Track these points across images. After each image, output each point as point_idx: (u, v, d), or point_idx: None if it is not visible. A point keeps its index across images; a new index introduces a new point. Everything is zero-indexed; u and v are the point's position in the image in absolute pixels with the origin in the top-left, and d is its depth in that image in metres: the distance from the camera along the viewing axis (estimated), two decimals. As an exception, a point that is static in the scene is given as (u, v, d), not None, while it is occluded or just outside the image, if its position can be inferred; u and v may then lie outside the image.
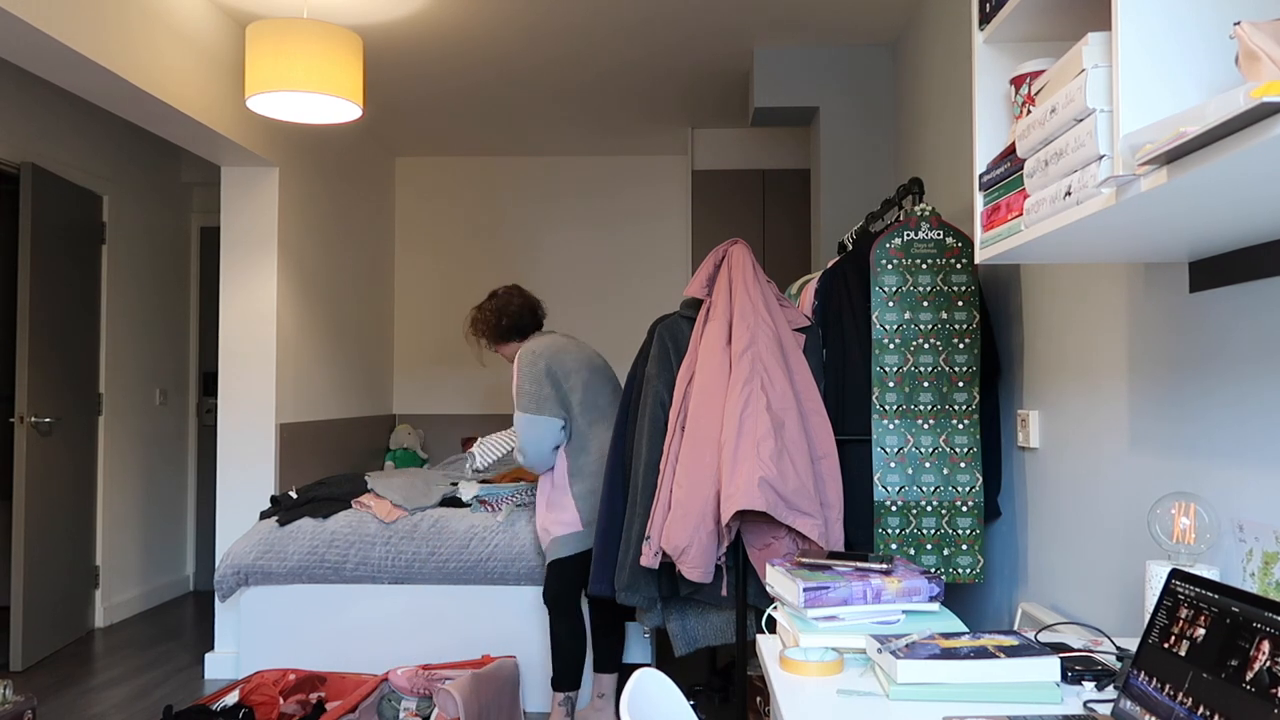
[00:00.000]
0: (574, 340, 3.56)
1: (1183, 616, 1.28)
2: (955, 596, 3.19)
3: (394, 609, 3.81)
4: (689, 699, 3.38)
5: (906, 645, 1.50)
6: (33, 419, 4.32)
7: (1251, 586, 1.58)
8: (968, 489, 2.70)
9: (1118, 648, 1.68)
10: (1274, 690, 1.07)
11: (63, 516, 4.59)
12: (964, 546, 2.69)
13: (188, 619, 5.17)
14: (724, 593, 2.80)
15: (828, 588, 1.73)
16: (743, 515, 2.71)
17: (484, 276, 6.35)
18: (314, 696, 3.49)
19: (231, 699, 3.32)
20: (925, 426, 2.71)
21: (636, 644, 3.86)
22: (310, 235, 4.84)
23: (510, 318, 3.60)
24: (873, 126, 4.33)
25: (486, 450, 3.64)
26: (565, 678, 3.42)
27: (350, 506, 4.00)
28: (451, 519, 3.87)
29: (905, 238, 2.74)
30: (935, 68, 3.60)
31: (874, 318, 2.73)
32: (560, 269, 6.33)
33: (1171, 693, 1.23)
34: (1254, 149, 0.98)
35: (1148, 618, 1.54)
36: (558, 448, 3.44)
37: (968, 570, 2.69)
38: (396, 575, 3.77)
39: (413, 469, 5.32)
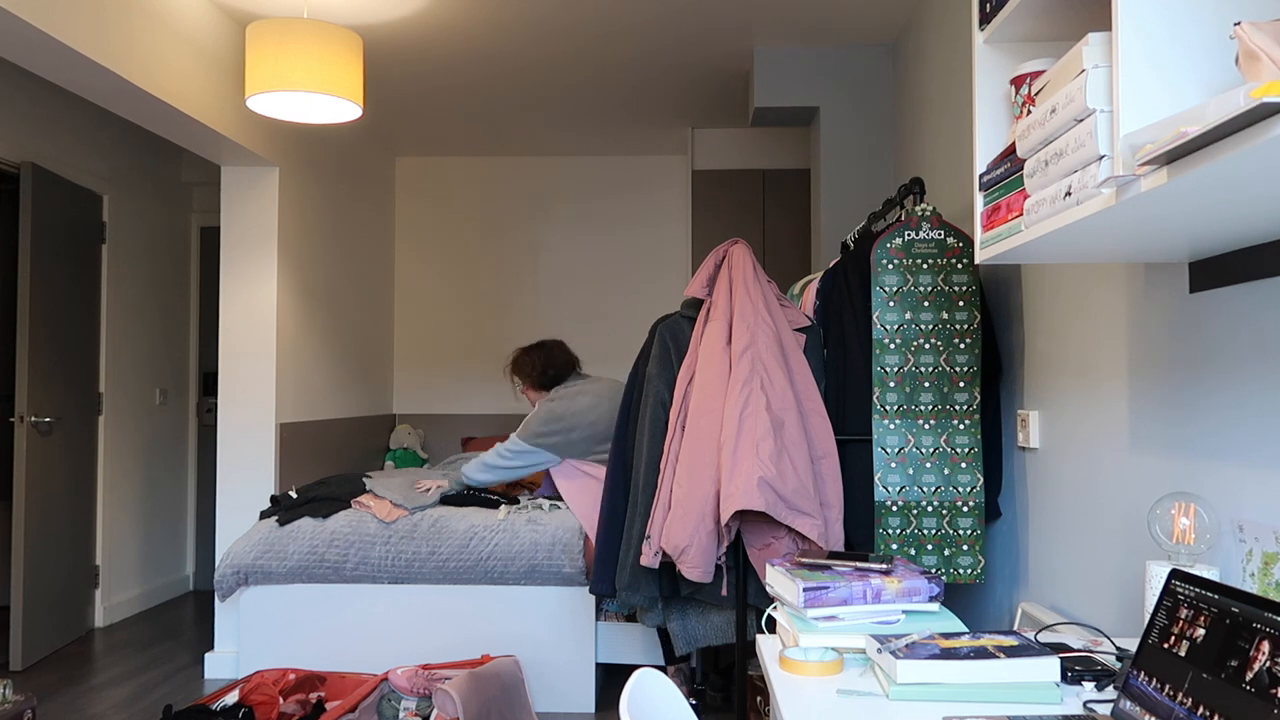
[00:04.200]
0: (596, 389, 3.96)
1: (1183, 617, 1.28)
2: (955, 596, 3.19)
3: (394, 609, 3.81)
4: (690, 699, 3.38)
5: (906, 645, 1.50)
6: (33, 419, 4.33)
7: (1251, 587, 1.58)
8: (968, 489, 2.70)
9: (1118, 648, 1.68)
10: (1274, 690, 1.07)
11: (63, 516, 4.60)
12: (964, 547, 2.69)
13: (188, 619, 5.17)
14: (724, 592, 2.80)
15: (828, 588, 1.73)
16: (742, 515, 2.71)
17: (484, 276, 6.35)
18: (314, 696, 3.49)
19: (231, 699, 3.32)
20: (926, 426, 2.71)
21: (642, 644, 3.86)
22: (310, 235, 4.84)
23: (555, 369, 4.08)
24: (873, 126, 4.33)
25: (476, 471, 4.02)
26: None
27: (350, 506, 4.00)
28: (451, 519, 3.87)
29: (906, 237, 2.74)
30: (935, 68, 3.60)
31: (875, 317, 2.73)
32: (560, 269, 6.33)
33: (1171, 693, 1.23)
34: (1254, 149, 0.98)
35: (1148, 618, 1.54)
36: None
37: (968, 570, 2.69)
38: (396, 575, 3.77)
39: (412, 469, 5.32)
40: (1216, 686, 1.16)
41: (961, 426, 2.71)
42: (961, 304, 2.72)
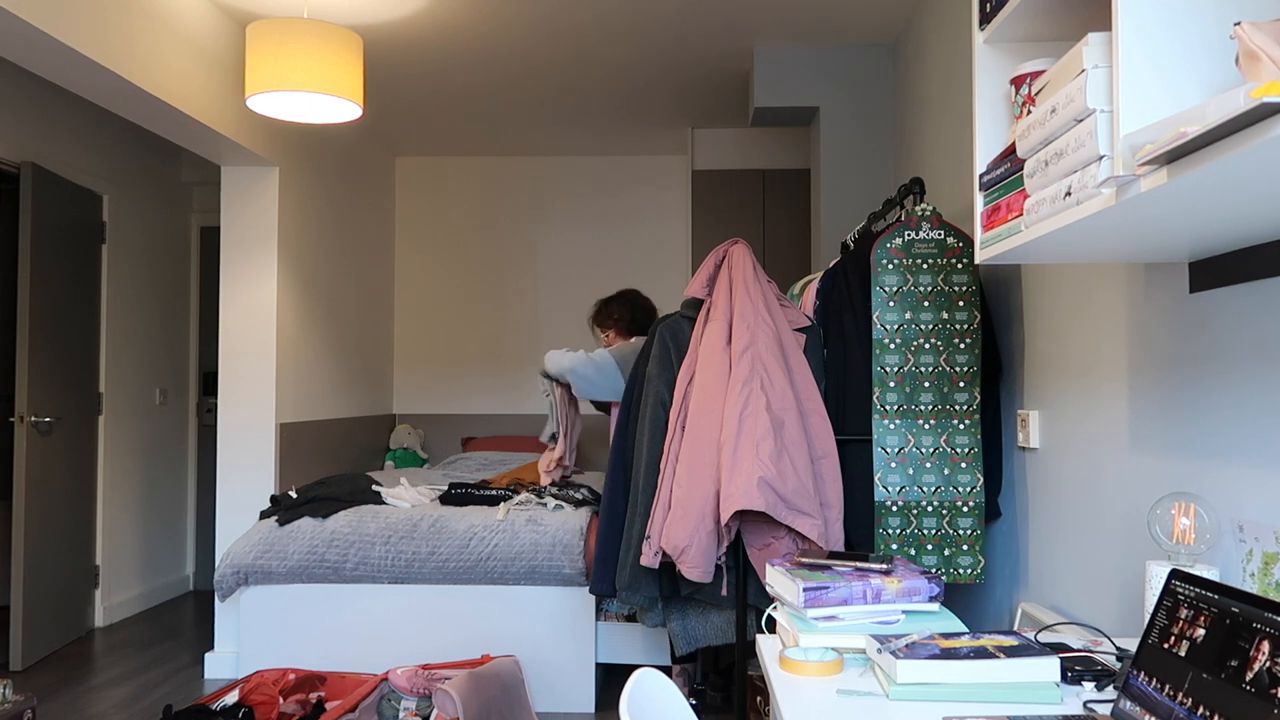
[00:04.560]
0: None
1: (1183, 617, 1.28)
2: (955, 596, 3.19)
3: (394, 609, 3.81)
4: (690, 699, 3.38)
5: (906, 645, 1.50)
6: (33, 419, 4.32)
7: (1251, 587, 1.58)
8: (968, 489, 2.70)
9: (1118, 648, 1.68)
10: (1274, 690, 1.07)
11: (63, 516, 4.59)
12: (964, 547, 2.69)
13: (188, 619, 5.17)
14: (724, 592, 2.80)
15: (827, 588, 1.73)
16: (742, 515, 2.71)
17: (484, 276, 6.35)
18: (314, 696, 3.49)
19: (231, 698, 3.32)
20: (926, 426, 2.71)
21: (642, 644, 3.86)
22: (310, 235, 4.84)
23: (643, 315, 4.08)
24: (873, 126, 4.33)
25: (556, 358, 3.83)
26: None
27: (349, 506, 4.00)
28: (451, 519, 3.87)
29: (906, 237, 2.74)
30: (935, 68, 3.60)
31: (875, 317, 2.73)
32: (560, 269, 6.33)
33: (1171, 693, 1.23)
34: (1254, 149, 0.98)
35: (1148, 618, 1.54)
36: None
37: (968, 570, 2.69)
38: (396, 575, 3.77)
39: (411, 469, 5.32)
40: (1216, 686, 1.16)
41: (961, 426, 2.71)
42: (961, 304, 2.72)
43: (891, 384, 2.72)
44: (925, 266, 2.73)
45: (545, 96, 5.08)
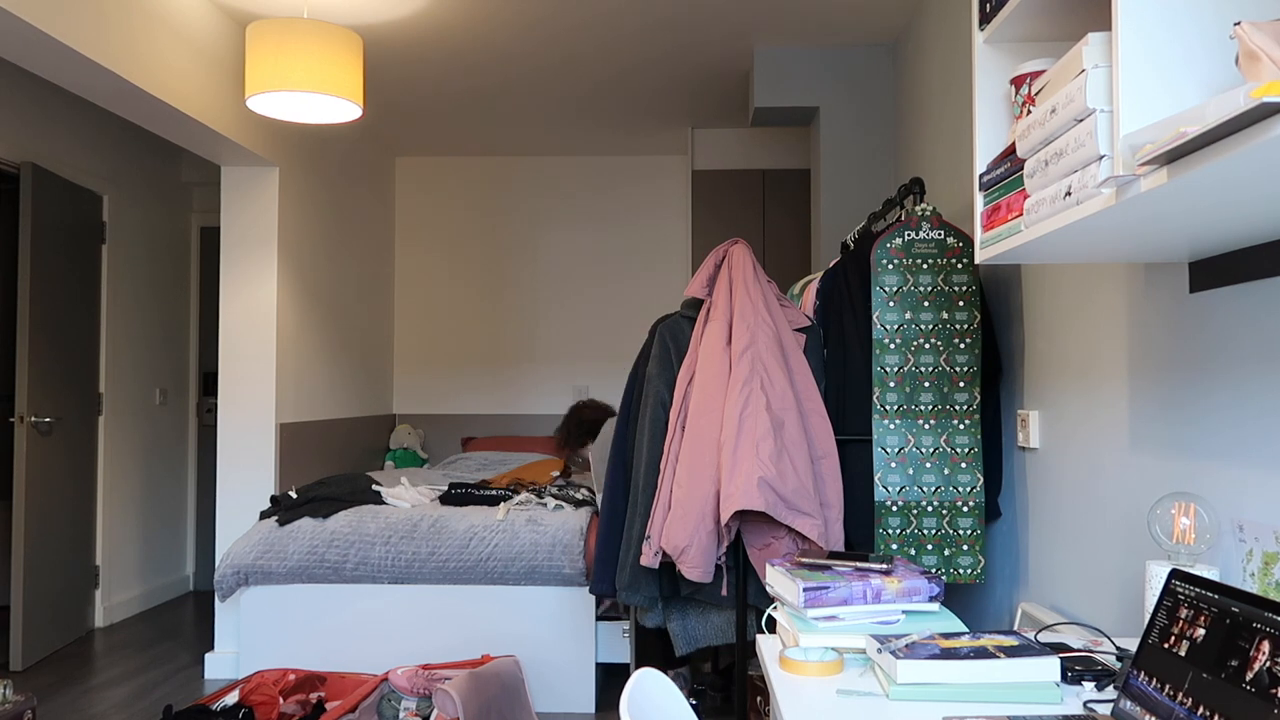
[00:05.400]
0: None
1: (1183, 617, 1.28)
2: (955, 596, 3.19)
3: (394, 609, 3.81)
4: (688, 698, 3.38)
5: (906, 645, 1.50)
6: (33, 419, 4.32)
7: (1251, 586, 1.58)
8: (968, 489, 2.70)
9: (1118, 648, 1.68)
10: (1274, 690, 1.07)
11: (63, 516, 4.59)
12: (964, 547, 2.69)
13: (188, 619, 5.17)
14: (724, 592, 2.80)
15: (828, 588, 1.73)
16: (742, 515, 2.71)
17: (484, 276, 6.35)
18: (314, 696, 3.49)
19: (231, 699, 3.32)
20: (926, 426, 2.71)
21: (617, 643, 3.86)
22: (310, 235, 4.84)
23: (587, 423, 4.56)
24: (873, 126, 4.33)
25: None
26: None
27: (349, 506, 4.00)
28: (451, 519, 3.87)
29: (906, 237, 2.74)
30: (935, 68, 3.60)
31: (875, 317, 2.73)
32: (560, 269, 6.33)
33: (1171, 693, 1.23)
34: (1254, 149, 0.98)
35: (1148, 618, 1.54)
36: None
37: (968, 570, 2.69)
38: (396, 575, 3.77)
39: (411, 469, 5.32)
40: (1216, 686, 1.16)
41: (961, 426, 2.71)
42: (961, 304, 2.72)
43: (891, 384, 2.72)
44: (925, 266, 2.73)
45: (545, 96, 5.08)
